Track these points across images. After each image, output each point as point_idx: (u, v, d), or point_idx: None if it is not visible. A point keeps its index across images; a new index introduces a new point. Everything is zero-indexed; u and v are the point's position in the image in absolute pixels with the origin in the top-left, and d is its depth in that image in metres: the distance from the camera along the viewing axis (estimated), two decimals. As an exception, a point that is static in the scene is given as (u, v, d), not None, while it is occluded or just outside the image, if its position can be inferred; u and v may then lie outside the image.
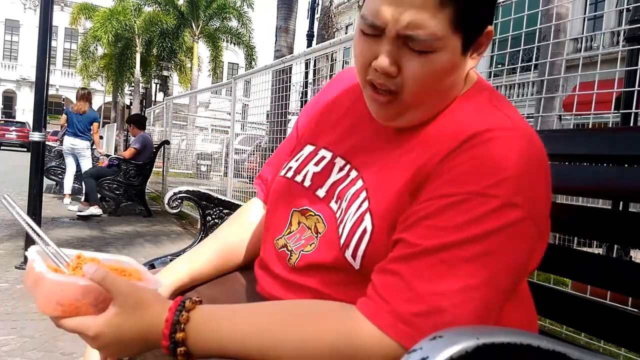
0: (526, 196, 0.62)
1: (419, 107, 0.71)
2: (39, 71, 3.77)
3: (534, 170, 0.64)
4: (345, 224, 0.72)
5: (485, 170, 0.62)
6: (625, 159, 0.90)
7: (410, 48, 0.66)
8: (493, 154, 0.63)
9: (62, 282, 0.64)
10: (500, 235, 0.60)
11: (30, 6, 35.41)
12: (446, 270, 0.59)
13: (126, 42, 20.61)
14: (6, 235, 4.54)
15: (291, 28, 7.26)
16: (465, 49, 0.68)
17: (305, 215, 0.79)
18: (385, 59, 0.67)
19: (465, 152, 0.64)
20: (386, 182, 0.71)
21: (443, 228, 0.61)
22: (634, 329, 0.81)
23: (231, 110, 5.53)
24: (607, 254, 2.17)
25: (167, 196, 1.35)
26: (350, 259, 0.70)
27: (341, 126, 0.83)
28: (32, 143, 3.68)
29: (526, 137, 0.65)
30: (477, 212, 0.60)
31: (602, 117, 2.67)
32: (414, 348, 0.43)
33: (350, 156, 0.79)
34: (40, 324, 2.47)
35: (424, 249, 0.61)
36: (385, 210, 0.69)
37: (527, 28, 2.39)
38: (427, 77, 0.67)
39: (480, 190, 0.61)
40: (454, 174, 0.63)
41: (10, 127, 25.90)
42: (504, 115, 0.68)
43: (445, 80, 0.69)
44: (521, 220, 0.61)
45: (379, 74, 0.68)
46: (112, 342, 0.65)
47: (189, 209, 6.17)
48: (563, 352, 0.48)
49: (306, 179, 0.81)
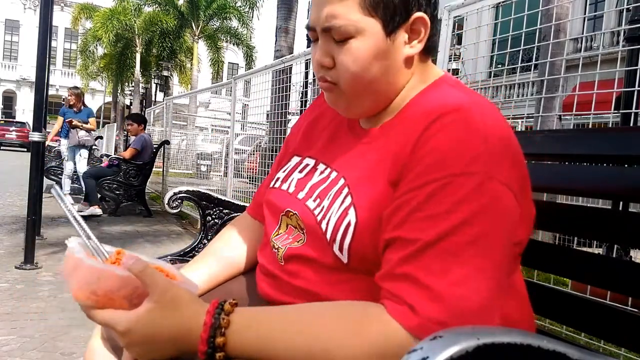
0: (501, 167, 0.65)
1: (361, 96, 0.77)
2: (39, 71, 3.78)
3: (501, 140, 0.66)
4: (329, 219, 0.73)
5: (458, 151, 0.64)
6: (625, 159, 0.90)
7: (335, 40, 0.74)
8: (461, 133, 0.65)
9: (100, 269, 0.62)
10: (490, 210, 0.63)
11: (30, 6, 35.41)
12: (452, 258, 0.61)
13: (126, 42, 20.61)
14: (6, 235, 4.54)
15: (291, 28, 7.26)
16: (389, 33, 0.73)
17: (288, 216, 0.82)
18: (318, 52, 0.76)
19: (433, 136, 0.66)
20: (366, 177, 0.74)
21: (435, 216, 0.62)
22: (634, 329, 0.81)
23: (231, 110, 5.53)
24: (607, 254, 2.17)
25: (167, 196, 1.36)
26: (339, 253, 0.72)
27: (323, 137, 0.89)
28: (32, 143, 3.68)
29: (485, 110, 0.68)
30: (462, 192, 0.62)
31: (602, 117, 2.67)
32: (414, 348, 0.43)
33: (330, 161, 0.83)
34: (40, 324, 2.48)
35: (424, 244, 0.62)
36: (369, 203, 0.70)
37: (527, 28, 2.40)
38: (354, 63, 0.73)
39: (458, 170, 0.63)
40: (429, 160, 0.65)
41: (10, 127, 25.89)
42: (462, 94, 0.72)
43: (374, 64, 0.74)
44: (503, 192, 0.64)
45: (318, 68, 0.77)
46: (142, 340, 0.63)
47: (189, 209, 6.17)
48: (563, 352, 0.47)
49: (291, 185, 0.85)
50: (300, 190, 0.82)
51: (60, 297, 2.94)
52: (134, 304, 0.63)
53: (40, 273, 3.40)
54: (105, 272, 0.62)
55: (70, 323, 2.52)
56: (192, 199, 1.36)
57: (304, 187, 0.83)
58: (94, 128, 6.79)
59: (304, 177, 0.85)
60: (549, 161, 1.04)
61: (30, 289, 3.04)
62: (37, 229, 3.95)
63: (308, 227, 0.77)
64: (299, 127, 0.98)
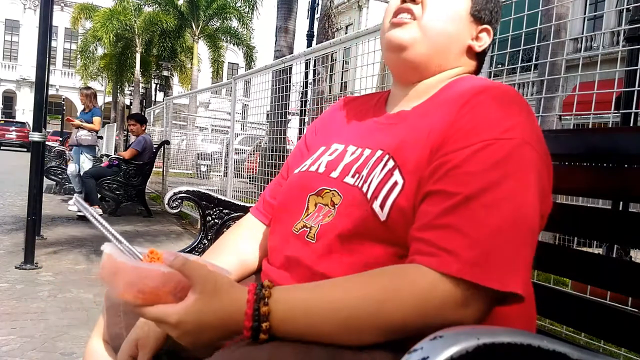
0: (534, 137, 0.71)
1: (428, 39, 0.83)
2: (39, 71, 3.77)
3: (532, 116, 0.74)
4: (370, 182, 0.76)
5: (497, 119, 0.70)
6: (625, 159, 0.90)
7: None
8: (499, 104, 0.72)
9: (145, 269, 0.65)
10: (526, 171, 0.68)
11: (30, 6, 35.41)
12: (490, 211, 0.64)
13: (126, 42, 20.59)
14: (6, 235, 4.54)
15: (291, 28, 7.26)
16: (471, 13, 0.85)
17: (321, 194, 0.83)
18: None
19: (474, 107, 0.72)
20: (407, 143, 0.77)
21: (476, 173, 0.67)
22: (634, 329, 0.81)
23: (231, 110, 5.53)
24: (607, 254, 2.17)
25: (167, 196, 1.36)
26: (378, 209, 0.73)
27: (348, 127, 0.94)
28: (32, 143, 3.68)
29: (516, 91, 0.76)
30: (501, 153, 0.67)
31: (602, 117, 2.67)
32: (414, 348, 0.43)
33: (359, 143, 0.86)
34: (40, 324, 2.48)
35: (466, 197, 0.65)
36: (414, 166, 0.73)
37: (527, 28, 2.39)
38: (442, 8, 0.83)
39: (498, 135, 0.68)
40: (470, 126, 0.71)
41: (10, 127, 25.91)
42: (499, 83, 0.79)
43: (452, 24, 0.84)
44: (537, 158, 0.70)
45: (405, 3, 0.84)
46: (192, 329, 0.65)
47: (189, 209, 6.17)
48: (563, 352, 0.48)
49: (320, 167, 0.87)
50: (333, 170, 0.84)
51: (60, 297, 2.94)
52: (178, 297, 0.65)
53: (40, 273, 3.40)
54: (149, 270, 0.65)
55: (70, 323, 2.52)
56: (192, 199, 1.36)
57: (336, 167, 0.84)
58: (96, 128, 6.60)
59: (334, 159, 0.86)
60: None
61: (30, 289, 3.03)
62: (37, 229, 3.95)
63: (346, 198, 0.78)
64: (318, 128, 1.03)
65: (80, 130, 6.39)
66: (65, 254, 4.01)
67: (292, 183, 0.90)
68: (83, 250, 4.20)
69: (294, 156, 1.01)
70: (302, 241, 0.80)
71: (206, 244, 1.27)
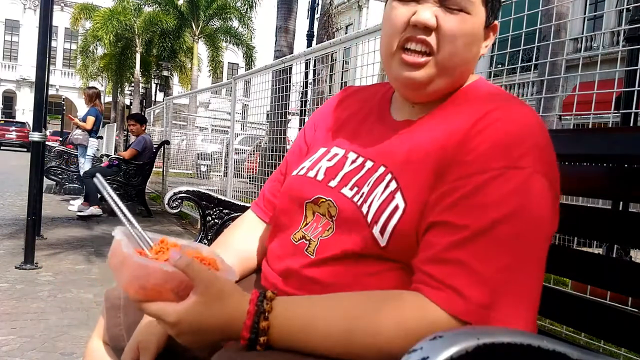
0: (546, 163, 0.68)
1: (447, 74, 0.76)
2: (39, 71, 3.77)
3: (545, 137, 0.69)
4: (371, 203, 0.73)
5: (508, 145, 0.66)
6: (625, 159, 0.90)
7: (447, 7, 0.73)
8: (510, 128, 0.68)
9: (148, 266, 0.65)
10: (536, 204, 0.65)
11: (30, 6, 35.41)
12: (500, 247, 0.62)
13: (126, 42, 20.60)
14: (6, 235, 4.54)
15: (291, 28, 7.26)
16: (487, 25, 0.78)
17: (317, 203, 0.81)
18: (426, 11, 0.73)
19: (484, 130, 0.68)
20: (410, 163, 0.74)
21: (486, 205, 0.64)
22: (634, 329, 0.81)
23: (231, 110, 5.52)
24: (607, 254, 2.17)
25: (167, 196, 1.36)
26: (378, 235, 0.71)
27: (350, 128, 0.89)
28: (32, 143, 3.68)
29: (526, 108, 0.72)
30: (512, 184, 0.64)
31: (602, 117, 2.67)
32: (413, 348, 0.43)
33: (362, 150, 0.83)
34: (40, 324, 2.48)
35: (475, 232, 0.63)
36: (417, 188, 0.71)
37: (527, 28, 2.39)
38: (462, 35, 0.74)
39: (509, 163, 0.65)
40: (480, 152, 0.67)
41: (10, 127, 25.91)
42: (508, 95, 0.76)
43: (472, 47, 0.77)
44: (547, 187, 0.66)
45: (418, 30, 0.74)
46: (190, 330, 0.65)
47: (189, 209, 6.17)
48: (563, 352, 0.47)
49: (319, 173, 0.84)
50: (332, 179, 0.81)
51: (60, 297, 2.94)
52: (180, 296, 0.65)
53: (40, 273, 3.40)
54: (152, 268, 0.65)
55: (70, 323, 2.52)
56: (192, 199, 1.36)
57: (335, 175, 0.81)
58: (87, 127, 6.61)
59: (334, 165, 0.83)
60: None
61: (30, 289, 3.03)
62: (37, 229, 3.95)
63: (343, 213, 0.76)
64: (318, 123, 0.98)
65: (76, 129, 6.42)
66: (65, 254, 4.01)
67: (291, 187, 0.88)
68: (83, 250, 4.20)
69: (292, 153, 0.99)
70: (302, 254, 0.79)
71: (206, 244, 1.27)
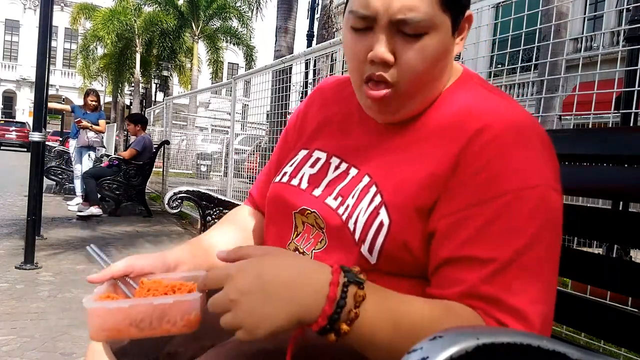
0: (552, 173, 0.65)
1: (415, 97, 0.71)
2: (39, 71, 3.78)
3: (547, 145, 0.67)
4: (357, 219, 0.70)
5: (516, 165, 0.63)
6: (625, 159, 0.90)
7: (404, 33, 0.66)
8: (515, 145, 0.64)
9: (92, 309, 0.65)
10: (552, 221, 0.64)
11: (30, 6, 35.40)
12: (529, 276, 0.61)
13: (126, 42, 20.59)
14: (6, 235, 4.54)
15: (291, 28, 7.26)
16: (454, 30, 0.70)
17: (304, 214, 0.78)
18: (381, 46, 0.67)
19: (487, 146, 0.65)
20: (397, 175, 0.70)
21: (508, 233, 0.62)
22: (634, 329, 0.81)
23: (231, 110, 5.53)
24: (607, 254, 2.17)
25: (167, 196, 1.36)
26: (367, 254, 0.69)
27: (331, 128, 0.85)
28: (32, 143, 3.68)
29: (524, 115, 0.68)
30: (528, 207, 0.62)
31: (602, 117, 2.67)
32: (413, 348, 0.43)
33: (345, 155, 0.79)
34: (40, 324, 2.48)
35: (502, 263, 0.61)
36: (402, 203, 0.68)
37: (527, 28, 2.39)
38: (423, 61, 0.68)
39: (522, 185, 0.62)
40: (488, 176, 0.64)
41: (10, 127, 25.91)
42: (498, 97, 0.71)
43: (439, 64, 0.70)
44: (558, 200, 0.64)
45: (376, 66, 0.68)
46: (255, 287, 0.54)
47: (189, 209, 6.17)
48: (563, 352, 0.47)
49: (302, 181, 0.80)
50: (316, 187, 0.78)
51: (60, 297, 2.94)
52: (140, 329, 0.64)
53: (40, 273, 3.40)
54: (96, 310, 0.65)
55: (70, 323, 2.52)
56: (192, 199, 1.36)
57: (319, 183, 0.78)
58: (103, 130, 6.81)
59: (317, 172, 0.80)
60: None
61: (30, 289, 3.03)
62: (37, 229, 3.95)
63: (330, 226, 0.74)
64: (300, 116, 0.93)
65: (89, 132, 6.44)
66: (65, 254, 4.01)
67: (275, 196, 0.84)
68: (83, 250, 4.20)
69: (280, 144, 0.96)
70: None
71: (206, 244, 1.27)
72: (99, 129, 6.61)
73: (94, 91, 6.89)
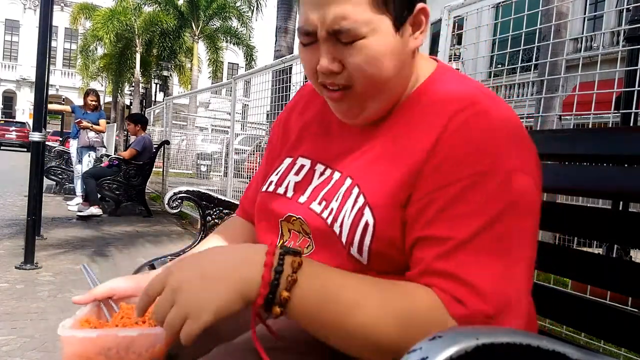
0: (522, 156, 0.66)
1: (376, 97, 0.73)
2: (39, 71, 3.78)
3: (518, 129, 0.68)
4: (342, 221, 0.71)
5: (481, 148, 0.64)
6: (625, 159, 0.90)
7: (343, 42, 0.69)
8: (482, 129, 0.65)
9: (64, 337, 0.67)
10: (517, 204, 0.63)
11: (30, 6, 35.41)
12: (487, 254, 0.61)
13: (126, 42, 20.59)
14: (6, 235, 4.54)
15: (291, 28, 7.26)
16: (398, 28, 0.71)
17: (290, 221, 0.79)
18: (325, 59, 0.70)
19: (455, 133, 0.66)
20: (377, 175, 0.72)
21: (466, 214, 0.63)
22: (634, 329, 0.81)
23: (231, 110, 5.53)
24: (607, 254, 2.17)
25: (167, 196, 1.36)
26: (357, 255, 0.70)
27: (313, 134, 0.86)
28: (32, 143, 3.68)
29: (496, 101, 0.69)
30: (490, 189, 0.63)
31: (602, 117, 2.67)
32: (413, 348, 0.43)
33: (328, 160, 0.80)
34: (40, 324, 2.48)
35: (458, 242, 0.62)
36: (384, 201, 0.69)
37: (527, 28, 2.39)
38: (368, 64, 0.69)
39: (485, 168, 0.63)
40: (454, 158, 0.65)
41: (10, 127, 25.92)
42: (471, 86, 0.72)
43: (387, 62, 0.70)
44: (527, 182, 0.65)
45: (326, 75, 0.72)
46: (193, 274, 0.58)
47: (189, 209, 6.17)
48: (563, 352, 0.47)
49: (288, 189, 0.82)
50: (301, 194, 0.79)
51: (60, 297, 2.94)
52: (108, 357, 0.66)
53: (40, 273, 3.40)
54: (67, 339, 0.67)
55: (70, 323, 2.52)
56: (192, 199, 1.36)
57: (304, 190, 0.79)
58: (104, 129, 6.81)
59: (302, 180, 0.81)
60: (549, 161, 1.04)
61: (30, 289, 3.03)
62: (37, 229, 3.95)
63: (316, 231, 0.75)
64: (282, 124, 0.95)
65: (90, 132, 6.44)
66: (65, 254, 4.01)
67: (262, 205, 0.85)
68: (83, 250, 4.20)
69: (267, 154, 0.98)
70: None
71: (206, 244, 1.27)
72: (100, 129, 6.61)
73: (93, 91, 6.90)
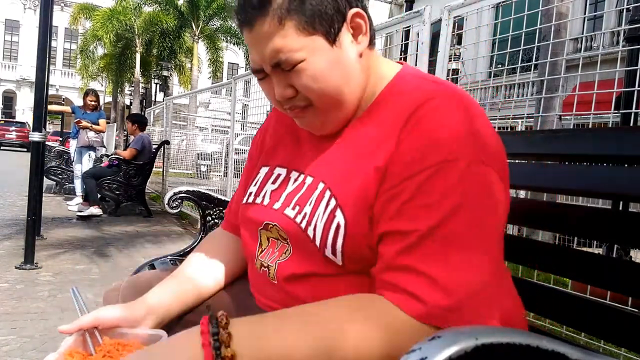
0: (484, 149, 0.66)
1: (337, 108, 0.77)
2: (39, 71, 3.77)
3: (480, 123, 0.68)
4: (315, 225, 0.73)
5: (441, 138, 0.65)
6: (625, 159, 0.90)
7: (287, 70, 0.73)
8: (443, 120, 0.67)
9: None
10: (479, 194, 0.64)
11: (30, 6, 35.41)
12: (449, 246, 0.62)
13: (126, 42, 20.59)
14: (6, 235, 4.54)
15: (291, 28, 7.25)
16: (333, 41, 0.74)
17: (267, 229, 0.81)
18: (278, 89, 0.76)
19: (415, 126, 0.68)
20: (346, 175, 0.74)
21: (427, 206, 0.64)
22: (634, 329, 0.81)
23: (231, 110, 5.53)
24: (607, 254, 2.17)
25: (167, 196, 1.36)
26: (332, 257, 0.71)
27: (287, 143, 0.90)
28: (32, 143, 3.68)
29: (459, 95, 0.70)
30: (450, 179, 0.64)
31: (602, 117, 2.67)
32: (412, 348, 0.43)
33: (301, 167, 0.83)
34: (40, 324, 2.48)
35: (420, 235, 0.63)
36: (354, 201, 0.71)
37: (527, 28, 2.39)
38: (315, 81, 0.73)
39: (444, 157, 0.64)
40: (415, 150, 0.66)
41: (10, 127, 25.91)
42: (433, 83, 0.73)
43: (332, 75, 0.74)
44: (489, 173, 0.66)
45: (282, 102, 0.77)
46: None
47: (189, 209, 6.17)
48: (563, 352, 0.47)
49: (265, 198, 0.85)
50: (276, 201, 0.82)
51: (60, 297, 2.94)
52: None
53: (40, 273, 3.40)
54: None
55: (70, 323, 2.52)
56: (192, 199, 1.36)
57: (279, 197, 0.82)
58: (104, 129, 6.81)
59: (278, 187, 0.84)
60: (549, 161, 1.04)
61: (30, 289, 3.03)
62: (37, 229, 3.95)
63: (292, 235, 0.76)
64: (260, 138, 0.98)
65: (89, 132, 6.44)
66: (65, 254, 4.01)
67: (243, 217, 0.89)
68: (83, 250, 4.20)
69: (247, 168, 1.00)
70: (267, 281, 0.80)
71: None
72: (99, 129, 6.61)
73: (93, 91, 6.90)
